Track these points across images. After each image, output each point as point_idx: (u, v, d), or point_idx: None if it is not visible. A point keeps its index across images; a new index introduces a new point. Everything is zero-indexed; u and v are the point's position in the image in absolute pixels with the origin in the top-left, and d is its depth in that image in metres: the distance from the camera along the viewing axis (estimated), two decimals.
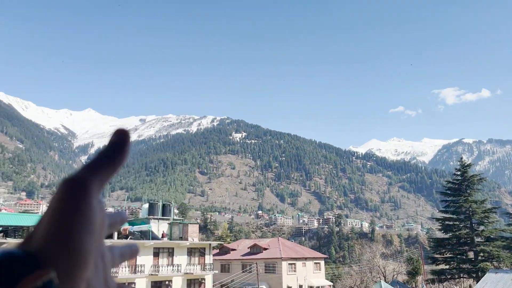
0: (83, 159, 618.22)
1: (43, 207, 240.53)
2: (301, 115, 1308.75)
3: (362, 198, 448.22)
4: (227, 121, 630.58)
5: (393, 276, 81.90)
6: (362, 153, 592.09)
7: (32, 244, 0.69)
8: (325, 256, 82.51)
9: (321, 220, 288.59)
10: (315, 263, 68.67)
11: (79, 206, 0.67)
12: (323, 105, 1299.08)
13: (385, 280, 73.57)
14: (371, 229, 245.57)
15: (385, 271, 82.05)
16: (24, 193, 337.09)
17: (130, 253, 0.80)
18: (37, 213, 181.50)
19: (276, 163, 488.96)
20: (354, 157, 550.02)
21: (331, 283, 72.51)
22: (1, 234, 40.75)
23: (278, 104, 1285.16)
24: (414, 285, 77.07)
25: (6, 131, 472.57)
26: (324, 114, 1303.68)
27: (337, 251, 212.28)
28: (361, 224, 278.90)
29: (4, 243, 33.70)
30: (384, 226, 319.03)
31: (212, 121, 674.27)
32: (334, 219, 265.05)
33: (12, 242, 34.45)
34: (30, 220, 41.64)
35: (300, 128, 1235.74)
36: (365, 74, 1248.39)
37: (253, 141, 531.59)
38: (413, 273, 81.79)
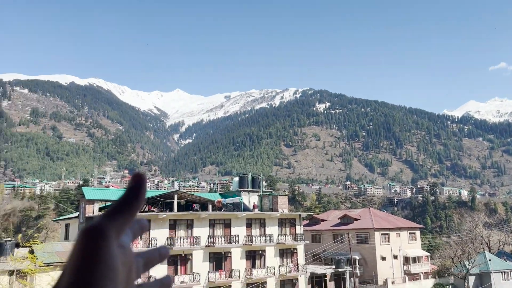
0: (176, 137, 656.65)
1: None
2: (388, 80, 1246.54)
3: (460, 165, 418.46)
4: (310, 92, 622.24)
5: (499, 246, 76.10)
6: (458, 117, 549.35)
7: None
8: (421, 226, 79.20)
9: (414, 189, 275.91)
10: (410, 233, 66.23)
11: (98, 255, 0.69)
12: (412, 68, 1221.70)
13: (489, 251, 68.72)
14: (471, 197, 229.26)
15: (489, 242, 76.59)
16: (126, 171, 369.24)
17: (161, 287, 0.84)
18: None
19: (363, 132, 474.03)
20: (449, 122, 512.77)
21: (428, 254, 69.51)
22: None
23: (363, 71, 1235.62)
24: None
25: (108, 115, 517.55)
26: (414, 78, 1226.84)
27: (433, 221, 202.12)
28: (459, 192, 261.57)
29: None
30: (486, 194, 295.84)
31: (295, 93, 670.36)
32: (428, 188, 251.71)
33: None
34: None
35: (387, 94, 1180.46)
36: (460, 30, 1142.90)
37: (337, 110, 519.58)
38: None
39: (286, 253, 46.89)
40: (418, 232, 68.55)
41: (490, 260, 60.47)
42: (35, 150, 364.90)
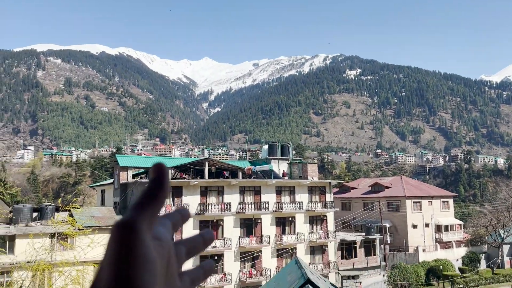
0: (205, 105, 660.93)
1: (175, 151, 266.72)
2: (422, 45, 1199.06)
3: (497, 132, 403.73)
4: (340, 58, 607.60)
5: None
6: (496, 82, 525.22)
7: None
8: (454, 194, 77.75)
9: (447, 158, 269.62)
10: (442, 201, 65.11)
11: (133, 248, 0.69)
12: (446, 31, 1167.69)
13: None
14: (507, 165, 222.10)
15: None
16: (158, 139, 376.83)
17: (203, 277, 0.84)
18: (170, 156, 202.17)
19: (395, 99, 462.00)
20: (486, 87, 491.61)
21: (461, 222, 68.39)
22: (144, 175, 46.29)
23: (395, 35, 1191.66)
24: None
25: (138, 83, 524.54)
26: (449, 42, 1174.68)
27: (467, 190, 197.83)
28: (495, 161, 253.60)
29: (147, 182, 38.17)
30: None
31: (324, 59, 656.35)
32: (462, 156, 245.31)
33: None
34: (166, 163, 46.28)
35: (421, 59, 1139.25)
36: None
37: (369, 77, 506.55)
38: None
39: (315, 220, 47.13)
40: (451, 201, 67.30)
41: None
42: (70, 119, 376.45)
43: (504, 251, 57.13)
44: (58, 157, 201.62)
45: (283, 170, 49.41)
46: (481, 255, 56.77)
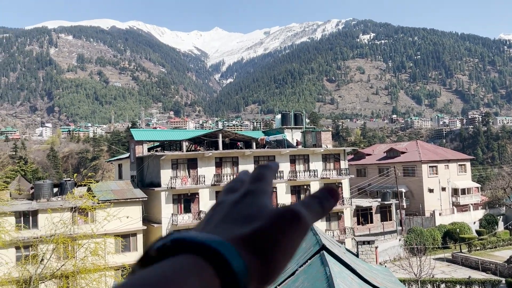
0: (217, 77, 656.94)
1: (189, 124, 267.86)
2: (438, 5, 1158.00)
3: None
4: (353, 22, 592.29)
5: None
6: None
7: None
8: (471, 157, 76.66)
9: (464, 120, 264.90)
10: (459, 164, 64.42)
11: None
12: None
13: None
14: None
15: None
16: (172, 112, 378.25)
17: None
18: (185, 129, 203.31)
19: (410, 62, 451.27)
20: (505, 46, 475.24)
21: (479, 185, 67.78)
22: (160, 148, 46.74)
23: None
24: None
25: (150, 57, 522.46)
26: (467, 1, 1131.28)
27: (485, 152, 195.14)
28: None
29: (162, 155, 38.56)
30: None
31: (337, 24, 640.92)
32: (480, 118, 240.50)
33: (168, 154, 39.23)
34: (180, 135, 46.61)
35: (437, 20, 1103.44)
36: None
37: (383, 41, 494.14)
38: None
39: None
40: (468, 164, 66.53)
41: None
42: (84, 95, 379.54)
43: None
44: (76, 133, 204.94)
45: (297, 139, 49.30)
46: (498, 217, 56.48)
